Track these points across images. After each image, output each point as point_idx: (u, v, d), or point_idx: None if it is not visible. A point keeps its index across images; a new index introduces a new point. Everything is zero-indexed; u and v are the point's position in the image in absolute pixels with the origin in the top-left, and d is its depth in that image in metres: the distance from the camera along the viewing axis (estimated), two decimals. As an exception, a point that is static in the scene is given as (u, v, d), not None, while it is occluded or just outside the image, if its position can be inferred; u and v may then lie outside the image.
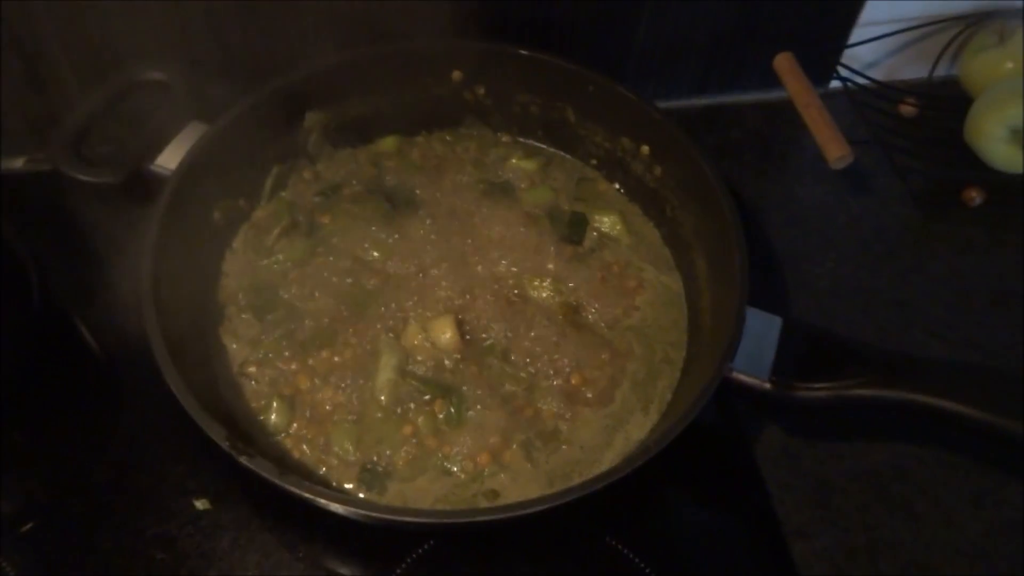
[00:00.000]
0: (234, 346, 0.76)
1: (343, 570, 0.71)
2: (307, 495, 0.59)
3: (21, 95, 0.90)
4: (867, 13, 1.01)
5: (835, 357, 0.70)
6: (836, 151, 0.87)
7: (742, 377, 0.69)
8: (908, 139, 1.01)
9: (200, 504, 0.72)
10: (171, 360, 0.64)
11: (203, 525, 0.72)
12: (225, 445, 0.60)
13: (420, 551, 0.71)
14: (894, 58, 1.07)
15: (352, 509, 0.60)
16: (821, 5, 0.98)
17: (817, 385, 0.68)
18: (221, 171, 0.79)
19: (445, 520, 0.62)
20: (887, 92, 1.04)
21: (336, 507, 0.60)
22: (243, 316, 0.78)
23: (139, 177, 0.78)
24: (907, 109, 1.03)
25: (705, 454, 0.78)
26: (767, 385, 0.68)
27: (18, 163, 0.96)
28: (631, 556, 0.71)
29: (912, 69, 1.08)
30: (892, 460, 0.79)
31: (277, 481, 0.59)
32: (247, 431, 0.71)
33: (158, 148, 0.78)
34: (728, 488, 0.78)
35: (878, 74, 1.05)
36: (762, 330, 0.71)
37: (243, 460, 0.60)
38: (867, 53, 1.05)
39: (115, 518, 0.72)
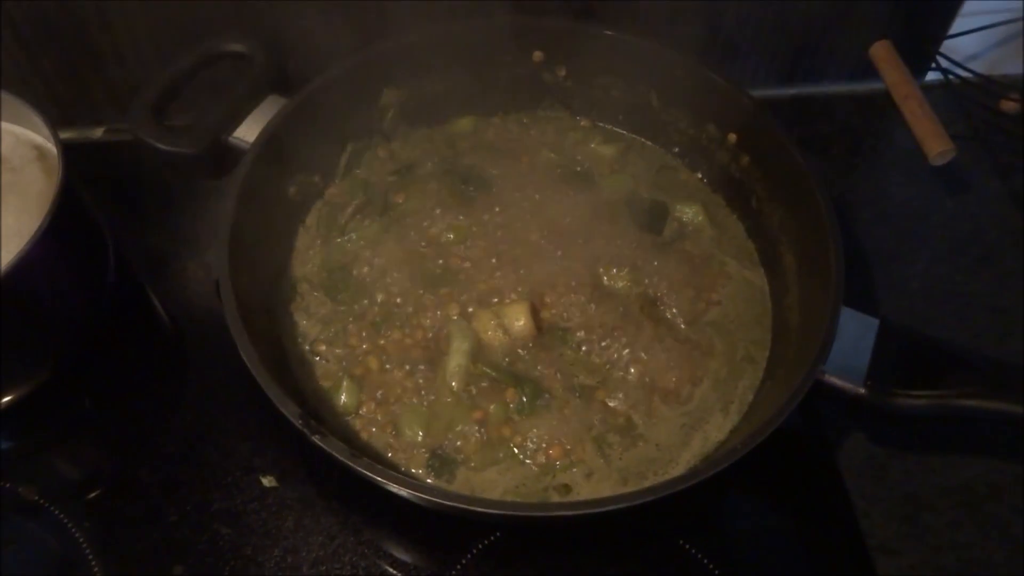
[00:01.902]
0: (305, 323, 0.75)
1: (406, 558, 0.70)
2: (379, 479, 0.57)
3: (102, 65, 0.91)
4: (970, 2, 0.95)
5: (936, 363, 0.65)
6: (938, 146, 0.82)
7: (835, 380, 0.65)
8: (1011, 137, 0.95)
9: (267, 481, 0.72)
10: (246, 334, 0.63)
11: (269, 503, 0.71)
12: (298, 423, 0.59)
13: (486, 542, 0.69)
14: (997, 51, 1.01)
15: (426, 496, 0.58)
16: (921, -8, 0.93)
17: (917, 392, 0.64)
18: (298, 146, 0.78)
19: (520, 513, 0.60)
20: (989, 86, 0.98)
21: (407, 493, 0.58)
22: (315, 294, 0.77)
23: (216, 148, 0.77)
24: (1009, 105, 0.97)
25: (786, 460, 0.74)
26: (862, 390, 0.64)
27: (97, 133, 0.96)
28: (705, 562, 0.68)
29: (1017, 63, 1.02)
30: (986, 477, 0.74)
31: (350, 463, 0.57)
32: (316, 410, 0.70)
33: (236, 120, 0.78)
34: (809, 497, 0.74)
35: (979, 67, 0.99)
36: (857, 332, 0.66)
37: (316, 439, 0.58)
38: (968, 45, 0.99)
39: (181, 490, 0.72)
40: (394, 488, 0.58)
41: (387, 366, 0.72)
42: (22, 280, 0.66)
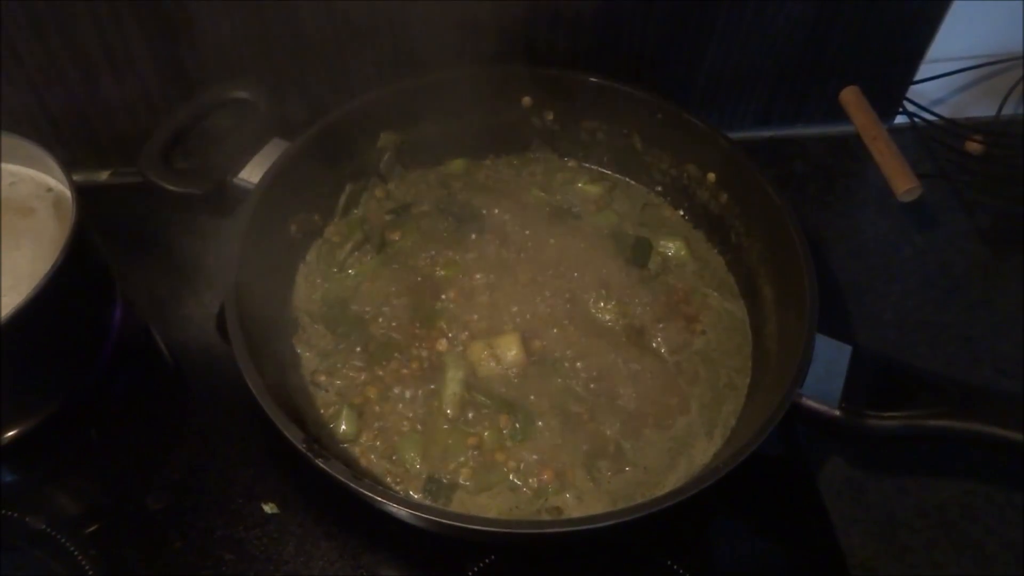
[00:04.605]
0: (307, 355, 0.78)
1: (403, 582, 0.72)
2: (380, 499, 0.60)
3: (110, 111, 0.95)
4: (935, 50, 1.01)
5: (907, 387, 0.69)
6: (904, 184, 0.87)
7: (811, 403, 0.68)
8: (975, 176, 1.00)
9: (268, 508, 0.74)
10: (252, 364, 0.65)
11: (270, 529, 0.73)
12: (302, 447, 0.62)
13: (480, 566, 0.71)
14: (961, 95, 1.07)
15: (424, 516, 0.60)
16: (888, 40, 0.99)
17: (888, 414, 0.67)
18: (299, 187, 0.82)
19: (515, 530, 0.62)
20: (954, 129, 1.03)
21: (406, 512, 0.61)
22: (316, 326, 0.80)
23: (221, 190, 0.81)
24: (974, 146, 1.02)
25: (769, 484, 0.77)
26: (837, 412, 0.68)
27: (104, 176, 1.00)
28: (692, 581, 0.71)
29: (979, 107, 1.08)
30: (960, 498, 0.78)
31: (352, 484, 0.60)
32: (317, 437, 0.72)
33: (241, 162, 0.82)
34: (791, 519, 0.77)
35: (945, 111, 1.05)
36: (832, 357, 0.70)
37: (319, 462, 0.61)
38: (934, 90, 1.05)
39: (185, 517, 0.74)
40: (394, 508, 0.60)
41: (385, 395, 0.75)
42: (34, 318, 0.68)
